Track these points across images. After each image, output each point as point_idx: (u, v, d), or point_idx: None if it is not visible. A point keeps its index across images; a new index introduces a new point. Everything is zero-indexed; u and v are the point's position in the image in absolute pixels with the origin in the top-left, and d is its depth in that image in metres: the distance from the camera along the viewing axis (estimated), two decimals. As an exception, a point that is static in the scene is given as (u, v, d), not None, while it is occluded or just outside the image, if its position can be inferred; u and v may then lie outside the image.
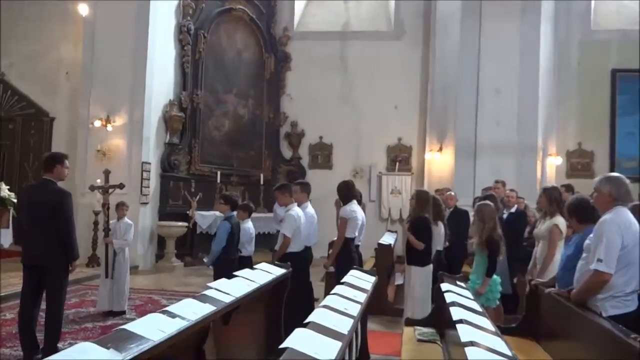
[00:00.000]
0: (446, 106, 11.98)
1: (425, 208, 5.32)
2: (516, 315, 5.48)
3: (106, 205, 7.54)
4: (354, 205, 5.69)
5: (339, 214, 5.95)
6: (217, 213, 11.19)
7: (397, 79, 12.91)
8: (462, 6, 11.61)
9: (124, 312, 6.41)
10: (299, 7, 14.04)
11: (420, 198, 5.39)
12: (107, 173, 7.57)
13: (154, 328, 2.22)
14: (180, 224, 10.44)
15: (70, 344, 5.06)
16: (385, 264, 6.97)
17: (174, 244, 10.43)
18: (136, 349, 1.96)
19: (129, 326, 2.15)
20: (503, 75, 11.34)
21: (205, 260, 6.28)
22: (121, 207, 6.73)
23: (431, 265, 5.23)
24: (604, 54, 12.33)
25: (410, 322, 4.28)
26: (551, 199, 5.15)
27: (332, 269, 5.70)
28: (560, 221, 4.99)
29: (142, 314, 6.43)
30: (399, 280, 6.84)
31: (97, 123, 9.98)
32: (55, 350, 4.59)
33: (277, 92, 13.57)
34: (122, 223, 6.64)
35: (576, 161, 12.46)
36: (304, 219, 5.74)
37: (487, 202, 5.03)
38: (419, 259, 5.10)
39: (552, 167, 12.07)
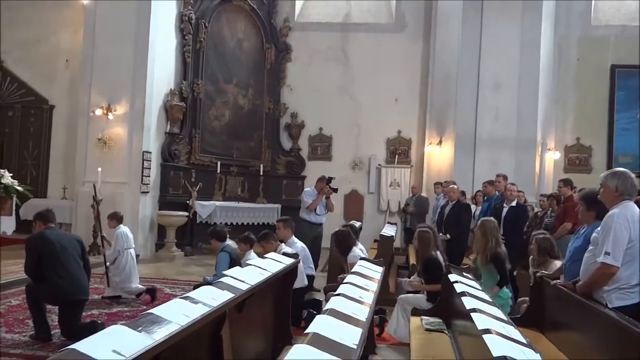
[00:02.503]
0: (446, 100, 12.03)
1: (429, 247, 5.22)
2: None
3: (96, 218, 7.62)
4: (355, 251, 5.70)
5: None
6: (217, 203, 11.27)
7: (398, 71, 12.95)
8: (463, 0, 11.62)
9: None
10: (300, -2, 14.03)
11: (422, 239, 5.20)
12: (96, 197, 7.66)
13: (179, 313, 2.26)
14: (180, 213, 10.45)
15: (77, 331, 5.11)
16: (387, 255, 7.04)
17: (174, 234, 10.45)
18: (165, 332, 2.00)
19: (156, 310, 2.20)
20: (503, 70, 11.38)
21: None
22: (108, 221, 6.70)
23: None
24: (603, 49, 12.42)
25: (417, 312, 4.35)
26: (540, 248, 4.84)
27: None
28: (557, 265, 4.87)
29: (145, 302, 6.49)
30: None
31: (98, 111, 9.94)
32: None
33: (277, 83, 13.56)
34: (114, 233, 6.60)
35: (574, 156, 12.58)
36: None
37: (490, 218, 4.97)
38: (437, 296, 4.80)
39: (550, 161, 12.16)
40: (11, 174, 7.37)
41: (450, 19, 11.99)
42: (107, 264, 6.47)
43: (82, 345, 1.70)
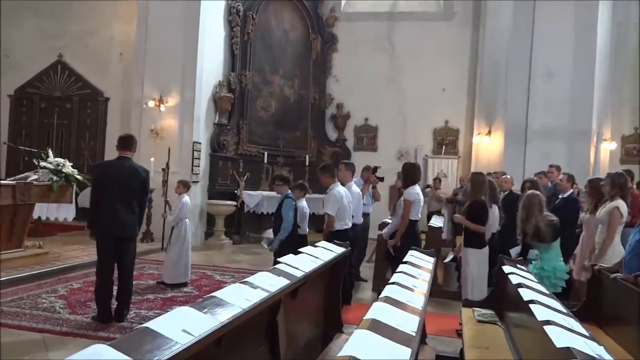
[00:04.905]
0: (496, 89, 11.74)
1: (481, 191, 5.26)
2: (568, 301, 5.42)
3: (164, 183, 7.98)
4: (417, 188, 5.73)
5: (397, 195, 6.00)
6: (264, 193, 11.43)
7: (446, 60, 12.72)
8: (515, -14, 11.29)
9: (184, 285, 6.67)
10: (346, -13, 13.95)
11: (476, 181, 5.33)
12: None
13: (240, 297, 2.33)
14: (228, 202, 10.67)
15: (136, 314, 5.32)
16: (435, 246, 6.97)
17: (223, 222, 10.68)
18: (229, 315, 2.07)
19: (219, 294, 2.27)
20: (557, 58, 11.02)
21: (265, 245, 6.43)
22: (177, 185, 6.99)
23: (487, 247, 5.21)
24: (664, 35, 11.80)
25: (469, 304, 4.31)
26: (614, 183, 5.03)
27: None
28: (621, 204, 4.90)
29: (198, 288, 6.69)
30: (448, 258, 6.86)
31: (151, 103, 10.25)
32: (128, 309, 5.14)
33: (323, 73, 13.57)
34: (177, 200, 6.90)
35: (631, 146, 12.04)
36: (348, 197, 5.92)
37: (532, 191, 4.98)
38: (477, 241, 5.06)
39: (606, 152, 11.71)
40: (71, 164, 7.69)
41: (501, 6, 11.65)
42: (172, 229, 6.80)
43: (154, 324, 1.79)
